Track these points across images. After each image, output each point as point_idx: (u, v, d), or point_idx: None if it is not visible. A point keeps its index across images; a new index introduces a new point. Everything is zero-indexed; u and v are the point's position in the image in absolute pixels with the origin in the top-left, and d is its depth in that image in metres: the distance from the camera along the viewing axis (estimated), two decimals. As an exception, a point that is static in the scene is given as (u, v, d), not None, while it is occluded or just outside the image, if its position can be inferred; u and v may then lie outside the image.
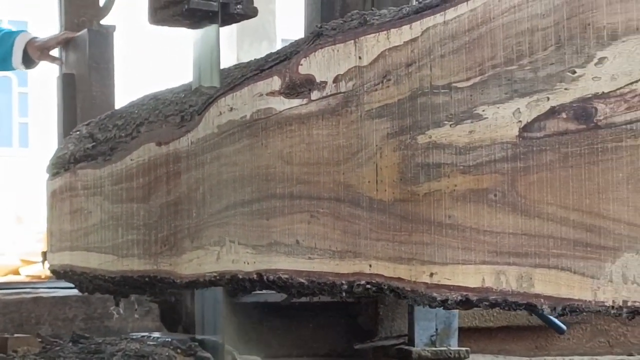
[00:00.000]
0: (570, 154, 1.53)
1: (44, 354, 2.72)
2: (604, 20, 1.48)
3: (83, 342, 2.76)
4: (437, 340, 2.89)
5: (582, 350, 3.38)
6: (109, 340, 2.78)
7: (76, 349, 2.69)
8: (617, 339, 3.43)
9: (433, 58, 1.79)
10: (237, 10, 2.61)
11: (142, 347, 2.59)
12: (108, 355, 2.54)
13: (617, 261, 1.46)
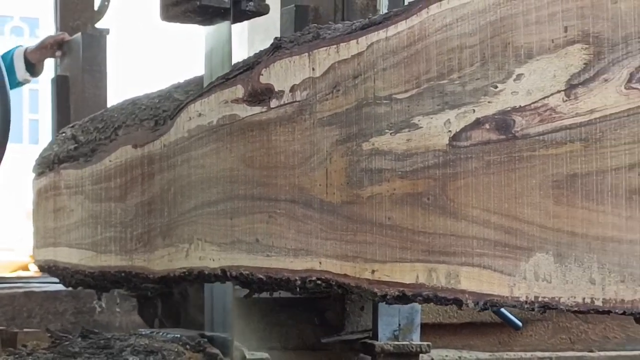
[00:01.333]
0: (492, 162, 1.66)
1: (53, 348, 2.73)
2: (522, 40, 1.61)
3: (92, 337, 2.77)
4: (400, 335, 3.01)
5: (544, 346, 3.49)
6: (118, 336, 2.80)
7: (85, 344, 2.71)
8: (578, 335, 3.55)
9: (376, 71, 1.91)
10: (249, 7, 2.63)
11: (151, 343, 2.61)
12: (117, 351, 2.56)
13: (530, 260, 1.58)
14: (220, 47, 2.68)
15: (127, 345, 2.59)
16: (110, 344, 2.64)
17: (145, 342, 2.61)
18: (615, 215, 1.45)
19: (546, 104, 1.56)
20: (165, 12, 2.67)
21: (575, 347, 3.53)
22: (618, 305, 1.45)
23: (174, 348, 2.58)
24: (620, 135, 1.45)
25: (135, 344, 2.59)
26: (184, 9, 2.61)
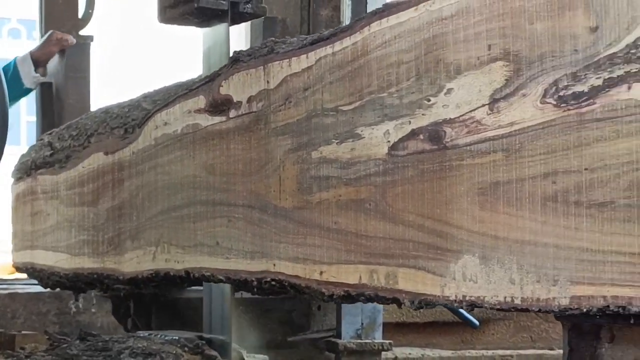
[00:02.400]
0: (425, 170, 1.76)
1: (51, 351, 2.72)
2: (452, 56, 1.71)
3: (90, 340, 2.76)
4: (363, 334, 3.12)
5: (506, 344, 3.60)
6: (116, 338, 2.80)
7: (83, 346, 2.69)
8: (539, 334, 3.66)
9: (324, 84, 2.01)
10: (247, 9, 2.61)
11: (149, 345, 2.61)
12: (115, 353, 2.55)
13: (458, 262, 1.69)
14: (217, 46, 2.69)
15: (126, 348, 2.61)
16: (108, 346, 2.66)
17: (143, 345, 2.63)
18: (532, 220, 1.56)
19: (473, 116, 1.67)
20: (163, 15, 2.68)
21: (536, 345, 3.64)
22: (534, 303, 1.56)
23: (172, 350, 2.60)
24: (537, 146, 1.55)
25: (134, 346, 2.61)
26: (181, 11, 2.62)
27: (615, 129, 1.43)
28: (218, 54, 2.68)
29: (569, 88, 1.50)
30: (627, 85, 1.41)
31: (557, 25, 1.53)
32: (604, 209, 1.44)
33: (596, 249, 1.45)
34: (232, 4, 2.59)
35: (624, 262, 1.41)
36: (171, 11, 2.65)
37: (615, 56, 1.43)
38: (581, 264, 1.48)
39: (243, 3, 2.60)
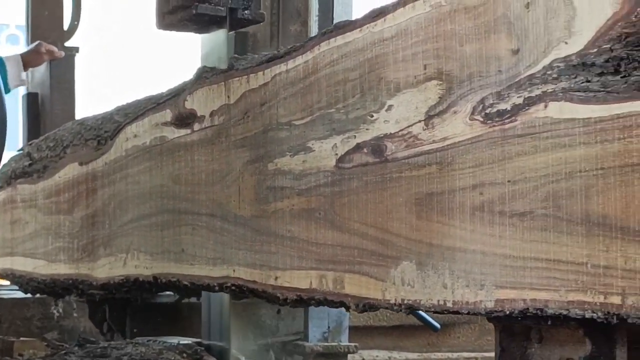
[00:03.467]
0: (369, 182, 1.86)
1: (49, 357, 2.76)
2: (392, 75, 1.81)
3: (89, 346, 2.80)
4: (329, 337, 3.21)
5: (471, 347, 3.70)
6: (114, 344, 2.84)
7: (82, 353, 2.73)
8: (503, 337, 3.75)
9: (279, 100, 2.11)
10: (245, 16, 2.60)
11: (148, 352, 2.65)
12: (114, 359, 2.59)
13: (398, 268, 1.79)
14: (215, 51, 2.71)
15: (124, 354, 2.66)
16: (106, 352, 2.70)
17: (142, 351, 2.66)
18: (462, 229, 1.65)
19: (410, 131, 1.77)
20: (162, 21, 2.67)
21: (501, 348, 3.72)
22: (464, 306, 1.65)
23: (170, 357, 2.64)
24: (466, 159, 1.65)
25: (132, 353, 2.66)
26: (180, 17, 2.60)
27: (534, 144, 1.52)
28: (216, 59, 2.70)
29: (494, 106, 1.60)
30: (544, 104, 1.50)
31: (483, 47, 1.63)
32: (524, 218, 1.54)
33: (517, 256, 1.55)
34: (230, 11, 2.58)
35: (541, 268, 1.51)
36: (170, 17, 2.64)
37: (533, 77, 1.53)
38: (504, 269, 1.57)
39: (241, 9, 2.60)
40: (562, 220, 1.47)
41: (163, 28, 2.69)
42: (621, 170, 1.39)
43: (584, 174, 1.44)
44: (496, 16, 1.61)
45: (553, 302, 1.49)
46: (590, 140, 1.43)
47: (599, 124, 1.42)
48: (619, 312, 1.40)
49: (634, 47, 1.39)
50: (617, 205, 1.39)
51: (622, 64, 1.40)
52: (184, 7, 2.56)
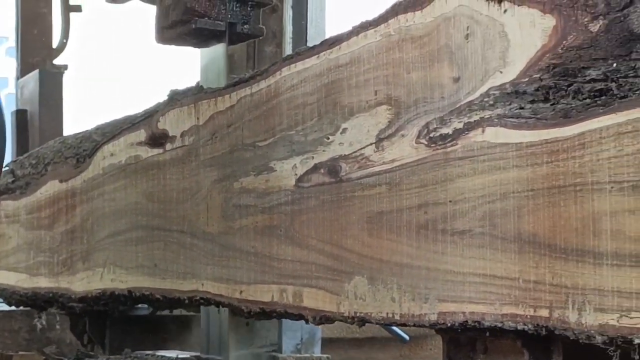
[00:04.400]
0: (325, 201, 1.95)
1: None
2: (346, 100, 1.90)
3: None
4: (302, 348, 3.29)
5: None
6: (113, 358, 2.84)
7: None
8: (474, 349, 3.83)
9: (244, 122, 2.20)
10: (244, 30, 2.59)
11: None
12: None
13: (351, 282, 1.87)
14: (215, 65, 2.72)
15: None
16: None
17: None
18: (409, 246, 1.74)
19: (363, 153, 1.86)
20: (161, 35, 2.67)
21: (472, 359, 3.80)
22: (410, 318, 1.74)
23: None
24: (412, 180, 1.73)
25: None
26: (179, 32, 2.61)
27: (472, 166, 1.61)
28: (216, 72, 2.72)
29: (437, 130, 1.68)
30: (482, 129, 1.59)
31: (428, 75, 1.72)
32: (463, 236, 1.62)
33: (457, 271, 1.64)
34: (229, 25, 2.56)
35: (479, 283, 1.60)
36: (169, 32, 2.64)
37: (472, 103, 1.62)
38: (446, 284, 1.66)
39: (240, 24, 2.59)
40: (497, 238, 1.56)
41: (162, 42, 2.71)
42: (549, 192, 1.48)
43: (517, 195, 1.53)
44: (439, 46, 1.70)
45: (489, 315, 1.58)
46: (522, 163, 1.52)
47: (530, 148, 1.51)
48: (547, 325, 1.48)
49: (561, 77, 1.48)
50: (545, 224, 1.48)
51: (551, 93, 1.49)
52: (184, 22, 2.57)
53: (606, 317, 1.39)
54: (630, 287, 1.36)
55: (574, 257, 1.43)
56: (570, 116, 1.45)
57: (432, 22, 1.71)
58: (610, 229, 1.38)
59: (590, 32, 1.44)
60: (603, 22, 1.42)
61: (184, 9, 2.55)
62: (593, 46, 1.43)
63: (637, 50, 1.38)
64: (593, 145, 1.41)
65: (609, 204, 1.38)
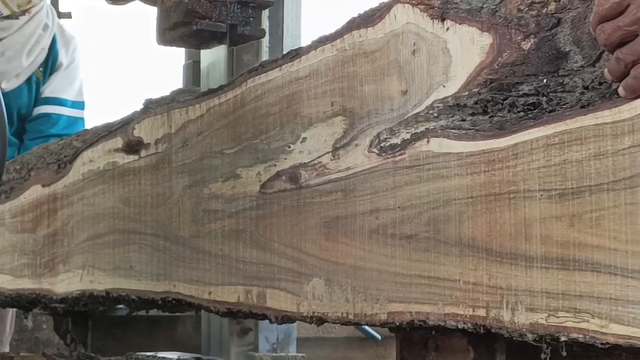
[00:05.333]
0: (287, 206, 2.03)
1: None
2: (306, 110, 1.99)
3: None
4: (278, 347, 3.38)
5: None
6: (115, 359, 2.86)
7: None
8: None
9: (213, 130, 2.29)
10: (245, 32, 2.59)
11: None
12: None
13: (309, 284, 1.96)
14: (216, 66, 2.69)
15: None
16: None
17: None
18: (362, 249, 1.83)
19: (320, 161, 1.94)
20: (162, 36, 2.67)
21: (446, 359, 3.89)
22: (363, 318, 1.82)
23: None
24: (365, 187, 1.82)
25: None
26: (180, 33, 2.60)
27: (418, 175, 1.70)
28: (217, 74, 2.72)
29: (387, 140, 1.77)
30: (427, 139, 1.68)
31: (379, 88, 1.81)
32: (410, 240, 1.71)
33: (405, 274, 1.72)
34: (230, 27, 2.58)
35: (424, 284, 1.68)
36: (170, 33, 2.64)
37: (418, 115, 1.71)
38: (395, 285, 1.75)
39: (241, 26, 2.59)
40: (441, 242, 1.65)
41: (163, 44, 2.71)
42: (486, 199, 1.56)
43: (458, 202, 1.61)
44: (389, 60, 1.78)
45: (433, 314, 1.67)
46: (463, 172, 1.60)
47: (469, 157, 1.59)
48: (484, 324, 1.57)
49: (497, 91, 1.56)
50: (483, 229, 1.57)
51: (489, 106, 1.58)
52: (185, 23, 2.57)
53: (536, 316, 1.47)
54: (557, 289, 1.44)
55: (508, 260, 1.52)
56: (505, 128, 1.53)
57: (383, 38, 1.80)
58: (540, 234, 1.47)
59: (522, 50, 1.53)
60: (534, 41, 1.51)
61: (185, 10, 2.56)
62: (525, 63, 1.52)
63: (564, 67, 1.47)
64: (525, 156, 1.49)
65: (539, 211, 1.47)
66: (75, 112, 4.45)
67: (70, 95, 4.44)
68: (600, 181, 1.38)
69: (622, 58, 1.30)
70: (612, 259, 1.36)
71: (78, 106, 4.48)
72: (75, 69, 4.50)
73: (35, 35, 4.31)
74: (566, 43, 1.47)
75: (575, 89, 1.45)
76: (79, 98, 4.50)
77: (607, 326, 1.37)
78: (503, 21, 1.56)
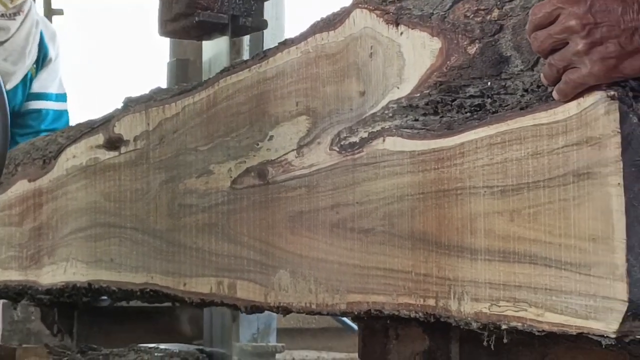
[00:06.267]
0: (255, 201, 2.11)
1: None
2: (273, 110, 2.06)
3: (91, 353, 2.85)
4: (258, 337, 3.46)
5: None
6: (117, 351, 2.86)
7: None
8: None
9: (188, 128, 2.36)
10: (247, 23, 2.59)
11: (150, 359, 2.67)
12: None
13: (276, 275, 2.04)
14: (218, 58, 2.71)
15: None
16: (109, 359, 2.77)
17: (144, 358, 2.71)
18: (324, 243, 1.90)
19: (286, 158, 2.02)
20: (164, 28, 2.68)
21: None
22: (324, 308, 1.90)
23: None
24: (327, 183, 1.90)
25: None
26: (182, 25, 2.62)
27: (375, 172, 1.77)
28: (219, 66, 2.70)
29: (347, 139, 1.85)
30: (383, 138, 1.75)
31: (340, 89, 1.88)
32: (368, 234, 1.79)
33: (363, 265, 1.80)
34: (232, 18, 2.58)
35: (380, 276, 1.76)
36: (172, 25, 2.64)
37: (375, 115, 1.78)
38: (354, 277, 1.82)
39: (243, 17, 2.60)
40: (395, 236, 1.73)
41: (165, 35, 2.72)
42: (436, 195, 1.64)
43: (410, 197, 1.69)
44: (349, 63, 1.86)
45: (388, 304, 1.75)
46: (415, 169, 1.68)
47: (421, 156, 1.67)
48: (434, 313, 1.65)
49: (446, 93, 1.64)
50: (433, 224, 1.64)
51: (439, 107, 1.66)
52: (186, 15, 2.59)
53: (480, 305, 1.55)
54: (499, 280, 1.52)
55: (455, 253, 1.60)
56: (453, 128, 1.61)
57: (343, 42, 1.87)
58: (484, 228, 1.55)
59: (468, 54, 1.60)
60: (479, 46, 1.59)
61: (187, 1, 2.58)
62: (471, 66, 1.60)
63: (505, 70, 1.55)
64: (470, 154, 1.57)
65: (483, 206, 1.55)
66: (60, 105, 4.53)
67: (54, 88, 4.51)
68: (537, 178, 1.46)
69: (554, 64, 1.38)
70: (547, 251, 1.44)
71: (61, 99, 4.55)
72: (59, 62, 4.58)
73: (32, 34, 4.38)
74: (507, 48, 1.54)
75: (516, 91, 1.53)
76: (61, 90, 4.57)
77: (542, 315, 1.44)
78: (451, 27, 1.63)
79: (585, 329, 1.38)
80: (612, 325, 1.34)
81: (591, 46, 1.33)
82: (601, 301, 1.36)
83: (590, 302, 1.37)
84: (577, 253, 1.39)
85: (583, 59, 1.34)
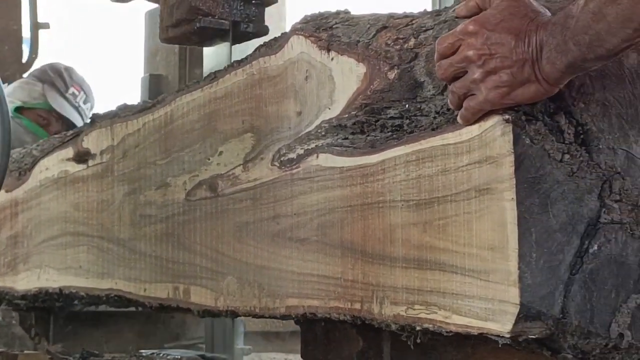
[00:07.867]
0: (207, 212, 2.23)
1: None
2: (222, 127, 2.19)
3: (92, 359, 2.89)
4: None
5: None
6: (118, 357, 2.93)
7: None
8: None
9: (148, 143, 2.49)
10: (249, 29, 2.57)
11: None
12: None
13: (225, 281, 2.16)
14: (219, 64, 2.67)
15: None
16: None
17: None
18: (266, 251, 2.03)
19: (234, 172, 2.14)
20: (165, 34, 2.68)
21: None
22: (267, 311, 2.03)
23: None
24: (269, 196, 2.02)
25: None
26: (183, 31, 2.61)
27: (310, 185, 1.90)
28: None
29: (286, 155, 1.97)
30: (316, 155, 1.88)
31: (280, 108, 2.01)
32: (304, 243, 1.91)
33: (300, 272, 1.92)
34: (233, 24, 2.56)
35: (314, 282, 1.88)
36: (173, 30, 2.64)
37: (310, 133, 1.91)
38: (292, 283, 1.95)
39: (244, 23, 2.57)
40: (327, 245, 1.85)
41: (166, 41, 2.71)
42: (361, 208, 1.76)
43: (340, 210, 1.82)
44: (287, 85, 1.99)
45: (321, 308, 1.87)
46: (344, 184, 1.81)
47: (349, 171, 1.79)
48: (359, 316, 1.77)
49: (370, 114, 1.77)
50: (359, 234, 1.77)
51: (365, 126, 1.78)
52: (188, 21, 2.58)
53: (398, 309, 1.67)
54: (414, 285, 1.64)
55: (377, 261, 1.72)
56: (375, 146, 1.74)
57: (282, 65, 2.00)
58: (402, 238, 1.67)
59: (389, 79, 1.73)
60: (397, 71, 1.71)
61: (189, 7, 2.58)
62: (391, 90, 1.73)
63: (420, 94, 1.67)
64: (390, 171, 1.69)
65: (400, 218, 1.67)
66: None
67: None
68: (445, 193, 1.58)
69: (455, 91, 1.51)
70: (454, 259, 1.56)
71: None
72: None
73: None
74: (421, 74, 1.67)
75: (429, 113, 1.65)
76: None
77: (450, 317, 1.57)
78: (374, 54, 1.76)
79: (485, 330, 1.51)
80: (507, 326, 1.46)
81: (486, 75, 1.45)
82: (498, 304, 1.48)
83: (489, 306, 1.49)
84: (479, 261, 1.51)
85: (479, 86, 1.46)
